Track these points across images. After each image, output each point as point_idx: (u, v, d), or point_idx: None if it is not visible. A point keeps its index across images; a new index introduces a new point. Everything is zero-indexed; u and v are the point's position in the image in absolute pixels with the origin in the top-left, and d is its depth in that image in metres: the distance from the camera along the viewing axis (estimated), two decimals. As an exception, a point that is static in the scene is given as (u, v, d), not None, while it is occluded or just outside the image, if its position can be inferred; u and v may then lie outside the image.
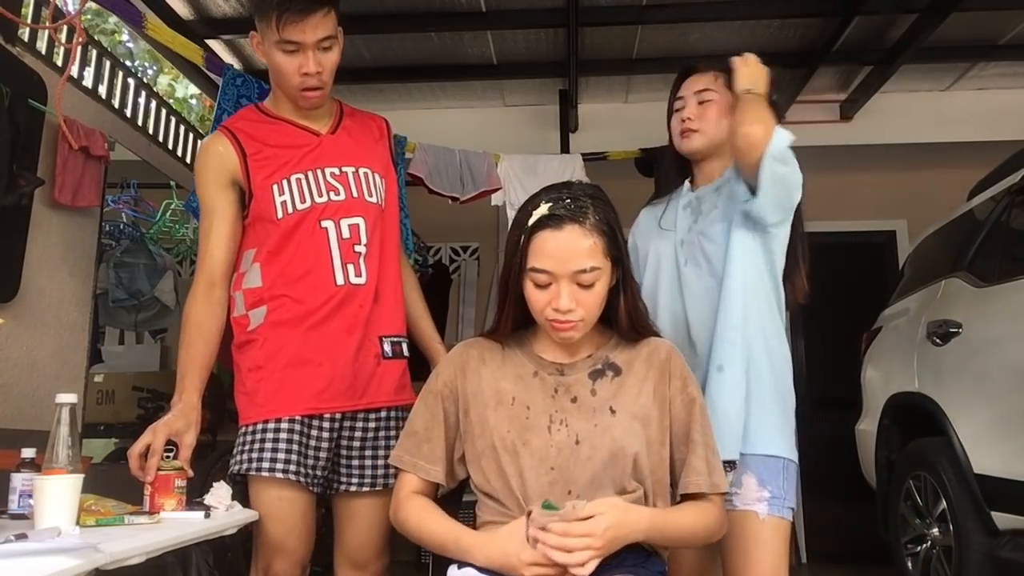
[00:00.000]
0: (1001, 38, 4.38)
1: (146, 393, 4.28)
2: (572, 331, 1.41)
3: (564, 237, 1.37)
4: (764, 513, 1.65)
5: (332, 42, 1.77)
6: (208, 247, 1.80)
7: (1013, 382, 2.51)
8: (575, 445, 1.39)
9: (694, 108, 1.88)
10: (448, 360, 1.54)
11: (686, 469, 1.41)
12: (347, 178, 1.85)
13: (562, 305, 1.38)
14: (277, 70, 1.78)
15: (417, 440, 1.48)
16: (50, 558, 1.14)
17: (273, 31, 1.71)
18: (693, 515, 1.39)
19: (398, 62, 4.55)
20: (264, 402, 1.78)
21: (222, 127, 1.86)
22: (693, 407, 1.44)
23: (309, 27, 1.70)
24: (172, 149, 4.08)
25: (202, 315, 1.78)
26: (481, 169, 3.77)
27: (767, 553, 1.65)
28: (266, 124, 1.86)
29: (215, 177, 1.81)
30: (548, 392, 1.44)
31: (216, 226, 1.81)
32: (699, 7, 3.94)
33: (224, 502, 1.70)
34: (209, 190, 1.81)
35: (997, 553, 2.56)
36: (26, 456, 1.65)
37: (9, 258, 2.66)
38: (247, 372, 1.82)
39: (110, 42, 7.43)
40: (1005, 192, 3.00)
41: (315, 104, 1.83)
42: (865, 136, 4.98)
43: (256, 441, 1.76)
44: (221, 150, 1.81)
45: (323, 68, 1.76)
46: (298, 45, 1.72)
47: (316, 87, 1.78)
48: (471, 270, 5.47)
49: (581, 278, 1.37)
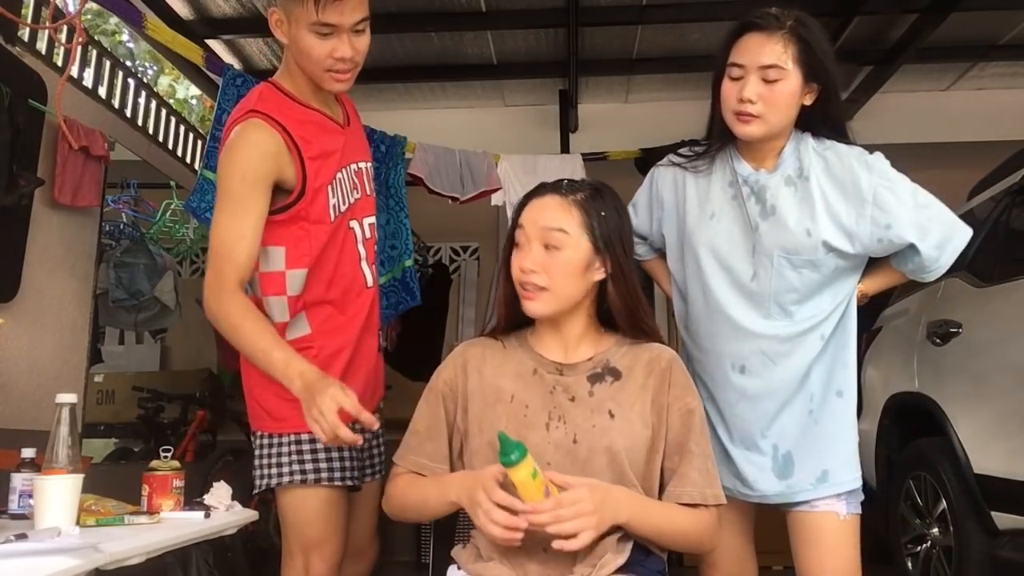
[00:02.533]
0: (1001, 38, 4.38)
1: (146, 393, 4.28)
2: (534, 301, 1.42)
3: (545, 201, 1.43)
4: (844, 513, 1.68)
5: (365, 24, 1.65)
6: (243, 246, 1.59)
7: (1013, 382, 2.51)
8: (572, 444, 1.39)
9: (758, 87, 1.58)
10: (450, 359, 1.54)
11: (678, 479, 1.40)
12: (363, 174, 1.82)
13: (525, 264, 1.41)
14: (306, 53, 1.63)
15: (420, 439, 1.49)
16: (50, 558, 1.14)
17: (309, 11, 1.58)
18: (684, 515, 1.38)
19: (398, 62, 4.55)
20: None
21: (267, 118, 1.64)
22: (691, 418, 1.43)
23: (348, 8, 1.59)
24: (172, 149, 4.08)
25: (245, 305, 1.59)
26: (481, 169, 3.76)
27: (851, 550, 1.68)
28: (302, 114, 1.70)
29: (259, 175, 1.61)
30: (546, 390, 1.44)
31: (254, 226, 1.61)
32: (699, 7, 3.93)
33: (224, 502, 1.70)
34: (247, 183, 1.61)
35: (997, 553, 2.56)
36: (26, 456, 1.65)
37: (9, 258, 2.66)
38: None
39: (110, 42, 7.43)
40: (1005, 192, 2.99)
41: (342, 89, 1.70)
42: (865, 136, 4.90)
43: (304, 448, 1.68)
44: (274, 150, 1.62)
45: (357, 51, 1.65)
46: (334, 28, 1.60)
47: (348, 71, 1.66)
48: (471, 270, 5.47)
49: (548, 237, 1.40)
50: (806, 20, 1.62)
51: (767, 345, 1.68)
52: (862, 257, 1.71)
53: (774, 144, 1.68)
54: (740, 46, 1.62)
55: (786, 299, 1.68)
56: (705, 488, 1.39)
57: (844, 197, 1.63)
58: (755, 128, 1.61)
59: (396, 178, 3.42)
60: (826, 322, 1.69)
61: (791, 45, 1.58)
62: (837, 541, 1.67)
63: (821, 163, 1.66)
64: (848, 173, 1.63)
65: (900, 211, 1.61)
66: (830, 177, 1.65)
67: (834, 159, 1.66)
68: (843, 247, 1.64)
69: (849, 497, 1.69)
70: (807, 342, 1.68)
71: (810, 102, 1.65)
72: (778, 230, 1.65)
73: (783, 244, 1.65)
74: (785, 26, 1.59)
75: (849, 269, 1.71)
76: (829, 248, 1.64)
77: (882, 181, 1.63)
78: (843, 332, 1.72)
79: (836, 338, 1.71)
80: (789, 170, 1.67)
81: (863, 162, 1.64)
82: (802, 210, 1.65)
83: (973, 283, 2.94)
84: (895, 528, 3.24)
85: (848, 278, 1.72)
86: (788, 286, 1.67)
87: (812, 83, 1.62)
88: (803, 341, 1.68)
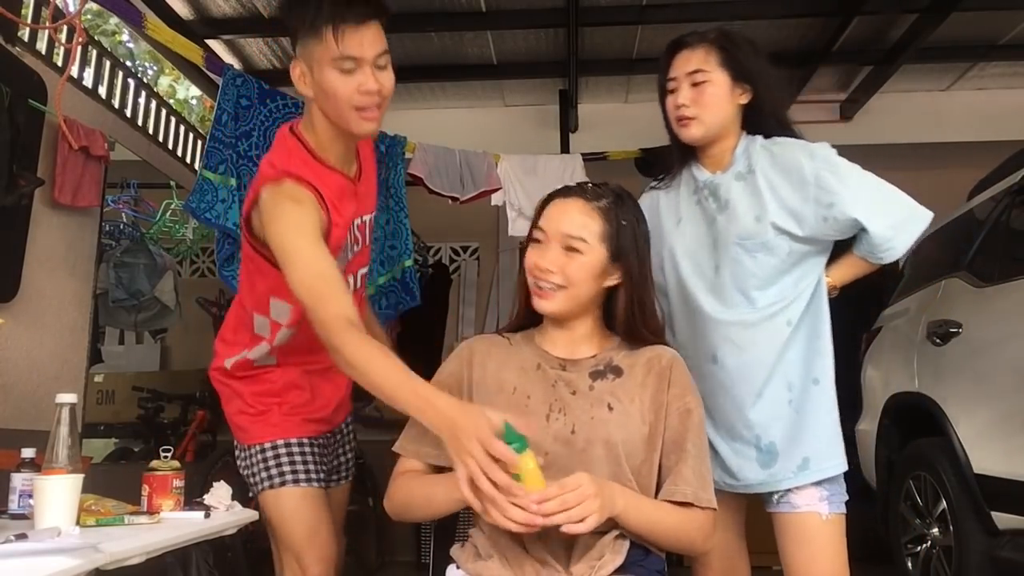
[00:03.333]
0: (1001, 38, 4.38)
1: (146, 393, 4.29)
2: (548, 300, 1.44)
3: (569, 204, 1.46)
4: (826, 512, 1.70)
5: (387, 59, 1.63)
6: (342, 289, 1.51)
7: (1013, 382, 2.51)
8: (571, 435, 1.40)
9: (688, 92, 1.75)
10: (455, 353, 1.57)
11: (673, 476, 1.40)
12: (365, 227, 1.83)
13: (543, 263, 1.43)
14: (332, 93, 1.59)
15: (422, 429, 1.49)
16: (50, 558, 1.14)
17: (329, 46, 1.55)
18: (676, 513, 1.39)
19: (398, 62, 4.45)
20: (280, 422, 1.81)
21: (309, 186, 1.61)
22: (689, 418, 1.44)
23: (367, 39, 1.58)
24: (172, 149, 4.08)
25: (371, 343, 1.45)
26: (481, 169, 3.76)
27: (835, 550, 1.71)
28: (324, 176, 1.67)
29: (316, 229, 1.57)
30: (549, 383, 1.46)
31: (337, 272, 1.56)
32: (699, 7, 3.94)
33: (224, 502, 1.70)
34: (315, 234, 1.55)
35: (997, 553, 2.56)
36: (26, 456, 1.65)
37: (9, 258, 2.66)
38: (258, 395, 1.83)
39: (111, 42, 7.43)
40: (1005, 192, 2.99)
41: (371, 130, 1.65)
42: (865, 136, 4.98)
43: (277, 459, 1.78)
44: (317, 208, 1.60)
45: (384, 85, 1.61)
46: (357, 61, 1.57)
47: (377, 106, 1.62)
48: (471, 270, 5.47)
49: (569, 242, 1.43)
50: (729, 31, 1.80)
51: (734, 332, 1.75)
52: (819, 242, 1.77)
53: (724, 146, 1.80)
54: (672, 63, 1.80)
55: (747, 285, 1.75)
56: (699, 490, 1.39)
57: (789, 183, 1.72)
58: (694, 129, 1.76)
59: (396, 178, 3.43)
60: (791, 308, 1.75)
61: (714, 51, 1.75)
62: (823, 542, 1.70)
63: (768, 156, 1.76)
64: (792, 161, 1.73)
65: (841, 189, 1.69)
66: (776, 167, 1.75)
67: (779, 151, 1.76)
68: (792, 229, 1.72)
69: (831, 495, 1.71)
70: (772, 327, 1.74)
71: (745, 101, 1.77)
72: (732, 220, 1.76)
73: (737, 232, 1.75)
74: (707, 38, 1.77)
75: (808, 255, 1.76)
76: (779, 230, 1.72)
77: (824, 164, 1.71)
78: (814, 320, 1.77)
79: (806, 325, 1.76)
80: (740, 167, 1.78)
81: (806, 150, 1.74)
82: (751, 199, 1.75)
83: (973, 283, 2.94)
84: (895, 528, 3.24)
85: (810, 265, 1.78)
86: (747, 272, 1.75)
87: (742, 83, 1.76)
88: (768, 327, 1.74)
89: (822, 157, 1.72)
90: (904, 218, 1.74)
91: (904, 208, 1.74)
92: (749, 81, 1.75)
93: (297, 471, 1.76)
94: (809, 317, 1.76)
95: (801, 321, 1.75)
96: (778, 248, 1.73)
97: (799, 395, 1.74)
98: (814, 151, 1.73)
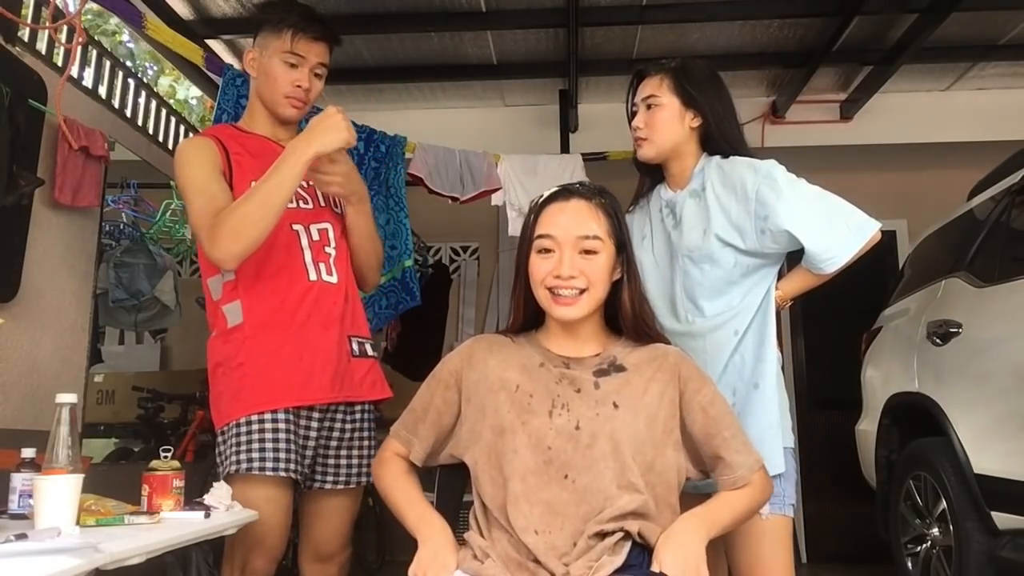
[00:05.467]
0: (1001, 38, 4.38)
1: (146, 393, 4.28)
2: (573, 306, 1.45)
3: (571, 206, 1.48)
4: (766, 512, 1.70)
5: (324, 71, 1.98)
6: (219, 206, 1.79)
7: (1013, 382, 2.51)
8: (575, 430, 1.40)
9: (643, 115, 1.90)
10: (457, 351, 1.58)
11: (723, 467, 1.44)
12: (315, 190, 1.96)
13: (564, 271, 1.44)
14: (272, 77, 1.93)
15: (415, 417, 1.55)
16: (50, 558, 1.14)
17: (285, 43, 1.90)
18: (744, 496, 1.43)
19: (398, 62, 4.55)
20: (251, 397, 1.80)
21: (210, 136, 1.93)
22: (712, 408, 1.46)
23: (315, 50, 1.93)
24: (172, 149, 4.07)
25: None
26: (481, 169, 3.77)
27: (777, 550, 1.73)
28: (243, 135, 1.97)
29: (211, 165, 1.84)
30: (552, 380, 1.46)
31: (224, 200, 1.81)
32: (699, 7, 3.93)
33: (224, 502, 1.70)
34: (205, 173, 1.83)
35: (997, 553, 2.56)
36: (26, 456, 1.65)
37: (9, 258, 2.66)
38: (230, 370, 1.83)
39: (111, 43, 7.43)
40: (1005, 192, 2.99)
41: (294, 116, 1.97)
42: (865, 136, 4.98)
43: (249, 438, 1.77)
44: (207, 144, 1.88)
45: (312, 89, 1.96)
46: (301, 61, 1.91)
47: (302, 101, 1.94)
48: (471, 270, 5.47)
49: (584, 244, 1.45)
50: (686, 62, 1.92)
51: (685, 341, 1.79)
52: (766, 256, 1.81)
53: (683, 165, 1.91)
54: (636, 91, 1.94)
55: (695, 294, 1.84)
56: (747, 469, 1.43)
57: (735, 199, 1.81)
58: (646, 149, 1.91)
59: (396, 178, 3.43)
60: (738, 318, 1.80)
61: (667, 79, 1.88)
62: (766, 543, 1.72)
63: (719, 175, 1.85)
64: (738, 178, 1.81)
65: (776, 203, 1.75)
66: (724, 184, 1.83)
67: (729, 168, 1.84)
68: (735, 242, 1.80)
69: (773, 497, 1.69)
70: (719, 337, 1.80)
71: (696, 125, 1.88)
72: (683, 234, 1.87)
73: (687, 244, 1.85)
74: (664, 68, 1.90)
75: (756, 267, 1.82)
76: (723, 243, 1.80)
77: (764, 180, 1.77)
78: (760, 329, 1.81)
79: (753, 334, 1.80)
80: (695, 185, 1.88)
81: (751, 167, 1.81)
82: (700, 214, 1.85)
83: (973, 283, 2.94)
84: (895, 528, 3.24)
85: (759, 276, 1.83)
86: (694, 282, 1.84)
87: (692, 109, 1.87)
88: (715, 336, 1.81)
89: (764, 172, 1.78)
90: (842, 230, 1.76)
91: (843, 220, 1.77)
92: (697, 107, 1.87)
93: (266, 457, 1.76)
94: (756, 326, 1.81)
95: (748, 330, 1.80)
96: (723, 260, 1.80)
97: (742, 400, 1.78)
98: (758, 167, 1.80)
